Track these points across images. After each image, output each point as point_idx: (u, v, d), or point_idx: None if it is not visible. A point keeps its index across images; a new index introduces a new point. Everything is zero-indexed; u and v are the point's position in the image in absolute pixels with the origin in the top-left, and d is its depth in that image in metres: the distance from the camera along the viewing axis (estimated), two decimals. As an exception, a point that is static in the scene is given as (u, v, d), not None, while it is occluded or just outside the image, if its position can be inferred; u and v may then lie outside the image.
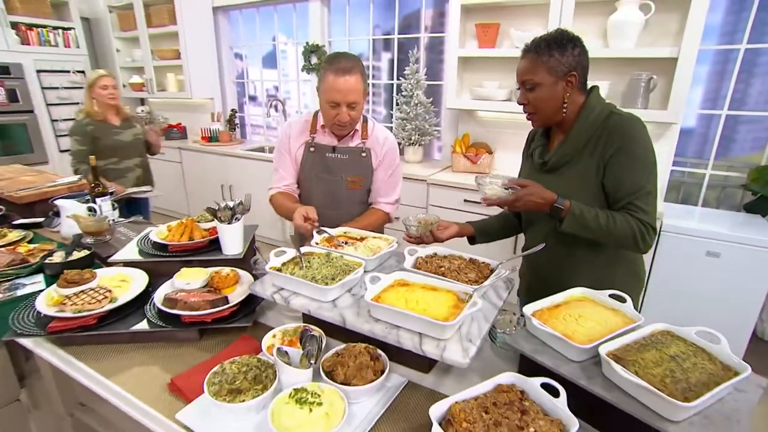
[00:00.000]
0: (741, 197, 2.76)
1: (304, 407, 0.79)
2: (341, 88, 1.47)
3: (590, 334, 0.91)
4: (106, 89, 2.69)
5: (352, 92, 1.49)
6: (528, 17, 2.80)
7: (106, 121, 2.74)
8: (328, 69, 1.49)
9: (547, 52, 1.17)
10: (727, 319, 2.25)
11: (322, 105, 1.57)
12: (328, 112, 1.55)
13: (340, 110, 1.52)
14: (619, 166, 1.18)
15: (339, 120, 1.54)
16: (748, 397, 0.79)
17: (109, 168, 2.75)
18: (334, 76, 1.47)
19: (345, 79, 1.47)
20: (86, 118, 2.71)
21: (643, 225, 1.16)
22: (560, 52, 1.17)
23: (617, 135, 1.18)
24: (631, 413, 0.76)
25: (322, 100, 1.54)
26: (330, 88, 1.49)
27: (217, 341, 1.16)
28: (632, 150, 1.17)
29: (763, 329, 2.67)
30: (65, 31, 4.45)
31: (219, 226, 1.36)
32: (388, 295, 1.04)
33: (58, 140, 4.46)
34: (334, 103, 1.51)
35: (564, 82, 1.19)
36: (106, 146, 2.71)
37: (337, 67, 1.47)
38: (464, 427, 0.76)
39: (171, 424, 0.89)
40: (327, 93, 1.50)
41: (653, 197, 1.19)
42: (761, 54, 2.59)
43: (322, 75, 1.52)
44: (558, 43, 1.17)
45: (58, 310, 1.13)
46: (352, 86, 1.48)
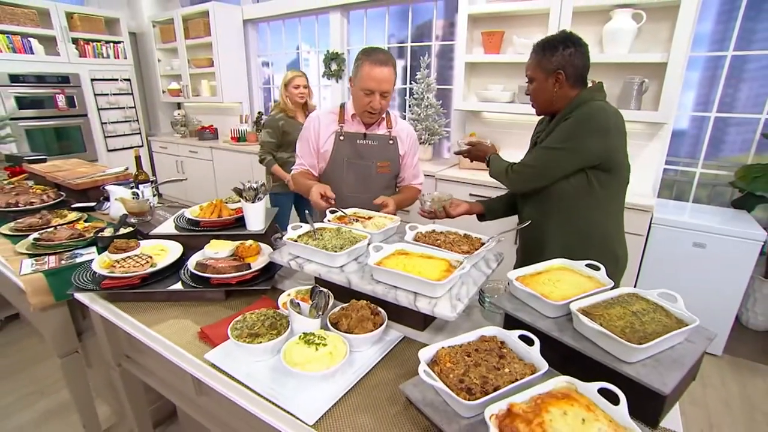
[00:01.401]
0: (730, 194, 2.74)
1: (311, 347, 0.87)
2: (377, 77, 1.52)
3: (565, 295, 0.96)
4: (298, 88, 2.70)
5: (386, 82, 1.54)
6: (530, 25, 2.83)
7: (296, 118, 2.76)
8: (366, 60, 1.53)
9: (542, 51, 1.31)
10: (711, 306, 2.25)
11: (355, 93, 1.61)
12: (361, 99, 1.59)
13: (374, 98, 1.57)
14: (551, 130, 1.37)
15: (371, 107, 1.59)
16: (696, 347, 0.83)
17: (290, 160, 2.66)
18: (371, 65, 1.52)
19: (381, 69, 1.52)
20: (280, 113, 2.76)
21: (512, 166, 1.43)
22: (551, 53, 1.27)
23: (574, 111, 1.31)
24: (594, 358, 0.81)
25: (357, 87, 1.58)
26: (367, 77, 1.53)
27: (240, 302, 1.25)
28: (567, 123, 1.31)
29: (747, 317, 2.64)
30: (115, 45, 4.67)
31: (244, 205, 1.46)
32: (389, 261, 1.11)
33: (106, 141, 4.68)
34: (369, 90, 1.55)
35: (553, 78, 1.28)
36: (292, 141, 2.64)
37: (375, 58, 1.52)
38: (448, 366, 0.82)
39: (200, 362, 0.98)
40: (363, 81, 1.54)
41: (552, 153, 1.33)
42: (747, 60, 2.58)
43: (358, 65, 1.56)
44: (551, 44, 1.29)
45: (109, 272, 1.24)
46: (387, 77, 1.54)
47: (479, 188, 2.82)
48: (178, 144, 4.75)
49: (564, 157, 1.31)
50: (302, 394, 0.85)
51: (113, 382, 1.51)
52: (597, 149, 1.28)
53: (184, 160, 4.74)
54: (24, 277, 1.37)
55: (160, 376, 1.33)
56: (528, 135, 1.62)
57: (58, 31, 4.25)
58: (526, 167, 1.40)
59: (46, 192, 2.11)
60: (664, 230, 2.32)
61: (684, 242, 2.28)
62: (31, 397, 2.13)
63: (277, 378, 0.90)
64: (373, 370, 0.94)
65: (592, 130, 1.27)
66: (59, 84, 4.31)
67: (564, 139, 1.31)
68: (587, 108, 1.29)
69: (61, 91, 4.32)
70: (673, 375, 0.76)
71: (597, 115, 1.27)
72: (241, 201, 1.46)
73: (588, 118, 1.27)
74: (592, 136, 1.27)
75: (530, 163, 1.39)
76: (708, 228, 2.23)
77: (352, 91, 1.64)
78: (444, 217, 1.52)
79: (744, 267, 2.19)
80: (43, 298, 1.38)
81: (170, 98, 5.08)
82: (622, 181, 1.38)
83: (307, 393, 0.85)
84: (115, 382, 1.50)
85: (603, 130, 1.26)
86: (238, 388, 0.90)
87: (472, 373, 0.80)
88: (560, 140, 1.31)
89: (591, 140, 1.27)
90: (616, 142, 1.30)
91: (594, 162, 1.31)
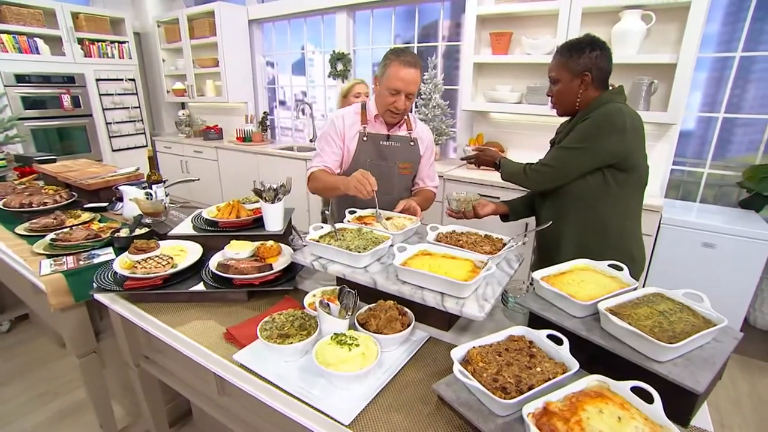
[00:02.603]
0: (737, 194, 2.76)
1: (344, 347, 0.87)
2: (405, 77, 1.52)
3: (591, 295, 0.97)
4: (359, 97, 2.55)
5: (413, 83, 1.54)
6: (538, 26, 2.84)
7: None
8: (395, 60, 1.52)
9: (568, 53, 1.33)
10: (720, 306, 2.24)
11: (381, 92, 1.60)
12: (386, 99, 1.58)
13: (399, 98, 1.56)
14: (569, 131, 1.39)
15: (395, 107, 1.58)
16: (724, 347, 0.84)
17: None
18: (400, 66, 1.51)
19: (409, 71, 1.51)
20: None
21: (530, 165, 1.45)
22: (578, 54, 1.29)
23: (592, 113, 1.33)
24: (625, 357, 0.82)
25: (383, 87, 1.57)
26: (394, 76, 1.52)
27: (262, 302, 1.26)
28: (585, 123, 1.33)
29: (755, 317, 2.66)
30: (120, 45, 4.66)
31: (263, 205, 1.46)
32: (413, 262, 1.12)
33: (111, 141, 4.67)
34: (396, 90, 1.54)
35: (579, 80, 1.30)
36: None
37: (404, 59, 1.51)
38: (480, 366, 0.83)
39: (229, 364, 0.99)
40: (390, 80, 1.53)
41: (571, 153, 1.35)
42: (755, 61, 2.59)
43: (387, 64, 1.55)
44: (578, 46, 1.31)
45: (131, 272, 1.24)
46: (414, 78, 1.54)
47: (488, 188, 2.82)
48: (183, 144, 4.75)
49: (581, 157, 1.33)
50: (334, 395, 0.86)
51: (131, 383, 1.52)
52: (613, 149, 1.30)
53: (188, 160, 4.74)
54: (44, 277, 1.38)
55: (180, 376, 1.34)
56: (536, 135, 1.65)
57: (64, 32, 4.25)
58: (544, 166, 1.42)
59: (59, 192, 2.12)
60: (674, 230, 2.33)
61: (693, 242, 2.29)
62: (45, 398, 2.13)
63: (307, 378, 0.91)
64: (403, 370, 0.95)
65: (608, 131, 1.29)
66: (65, 84, 4.31)
67: (581, 139, 1.32)
68: (605, 109, 1.31)
69: (66, 91, 4.31)
70: (705, 374, 0.77)
71: (614, 115, 1.29)
72: (260, 201, 1.47)
73: (605, 119, 1.29)
74: (609, 136, 1.29)
75: (549, 162, 1.41)
76: (717, 228, 2.24)
77: (376, 90, 1.63)
78: (472, 217, 1.53)
79: (753, 267, 2.20)
80: (63, 299, 1.39)
81: (174, 98, 5.07)
82: (639, 181, 1.39)
83: (339, 393, 0.86)
84: (133, 383, 1.51)
85: (619, 131, 1.28)
86: (268, 389, 0.90)
87: (505, 372, 0.81)
88: (578, 140, 1.33)
89: (608, 140, 1.29)
90: (633, 142, 1.32)
91: (610, 161, 1.32)
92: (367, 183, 1.38)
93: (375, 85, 1.63)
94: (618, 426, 0.68)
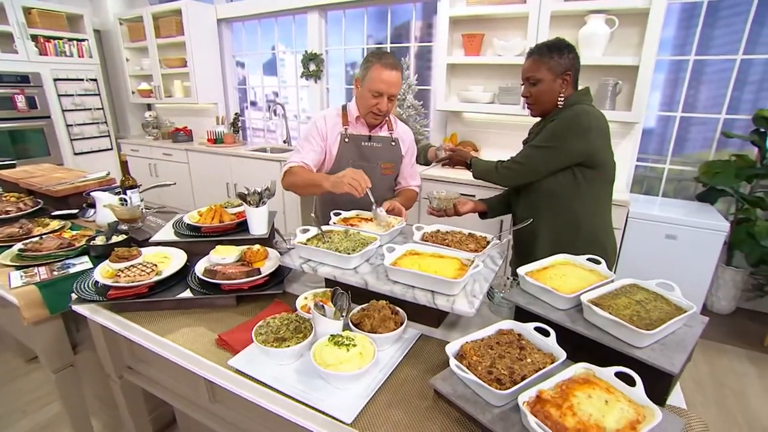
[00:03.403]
0: (694, 188, 2.95)
1: (342, 348, 0.89)
2: (387, 80, 1.54)
3: (573, 288, 1.03)
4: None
5: (395, 85, 1.57)
6: (509, 29, 2.94)
7: None
8: (376, 62, 1.54)
9: (549, 54, 1.36)
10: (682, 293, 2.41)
11: (363, 94, 1.62)
12: (368, 101, 1.60)
13: (381, 100, 1.58)
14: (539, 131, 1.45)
15: (378, 108, 1.60)
16: (694, 331, 0.92)
17: None
18: (382, 68, 1.54)
19: (390, 73, 1.54)
20: None
21: (501, 163, 1.52)
22: (559, 55, 1.34)
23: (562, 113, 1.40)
24: (607, 344, 0.88)
25: (365, 89, 1.59)
26: (377, 79, 1.54)
27: (251, 307, 1.25)
28: (553, 124, 1.40)
29: (712, 302, 2.85)
30: (79, 43, 4.44)
31: (247, 209, 1.45)
32: (402, 262, 1.15)
33: (72, 144, 4.45)
34: (378, 93, 1.56)
35: (561, 80, 1.35)
36: None
37: (385, 62, 1.54)
38: (475, 360, 0.87)
39: (224, 370, 0.98)
40: (373, 83, 1.55)
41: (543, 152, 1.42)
42: (707, 64, 2.79)
43: (368, 67, 1.57)
44: (558, 47, 1.35)
45: (114, 281, 1.21)
46: (396, 80, 1.56)
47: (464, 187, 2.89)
48: (151, 147, 4.58)
49: (549, 155, 1.41)
50: (333, 395, 0.87)
51: (110, 395, 1.47)
52: (580, 148, 1.37)
53: (157, 163, 4.58)
54: (15, 290, 1.32)
55: (168, 385, 1.31)
56: (508, 134, 1.72)
57: (15, 27, 4.00)
58: (515, 164, 1.49)
59: (22, 200, 2.01)
60: (640, 223, 2.47)
61: (658, 234, 2.44)
62: (11, 417, 2.02)
63: (305, 380, 0.92)
64: (398, 368, 0.97)
65: (575, 131, 1.36)
66: (18, 84, 4.06)
67: (550, 138, 1.40)
68: (571, 111, 1.38)
69: (20, 92, 4.07)
70: (678, 356, 0.84)
71: (580, 116, 1.36)
72: (244, 205, 1.46)
73: (572, 120, 1.37)
74: (575, 137, 1.36)
75: (519, 160, 1.48)
76: (679, 221, 2.40)
77: (358, 92, 1.65)
78: (452, 214, 1.57)
79: (710, 256, 2.37)
80: (38, 312, 1.33)
81: (140, 99, 4.89)
82: (607, 177, 1.48)
83: (338, 393, 0.88)
84: (114, 395, 1.46)
85: (584, 131, 1.35)
86: (267, 392, 0.91)
87: (498, 364, 0.85)
88: (546, 139, 1.41)
89: (574, 140, 1.36)
90: (598, 141, 1.39)
91: (578, 160, 1.40)
92: (362, 180, 1.38)
93: (356, 87, 1.65)
94: (606, 408, 0.73)
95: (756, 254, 2.58)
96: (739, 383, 2.34)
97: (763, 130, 2.58)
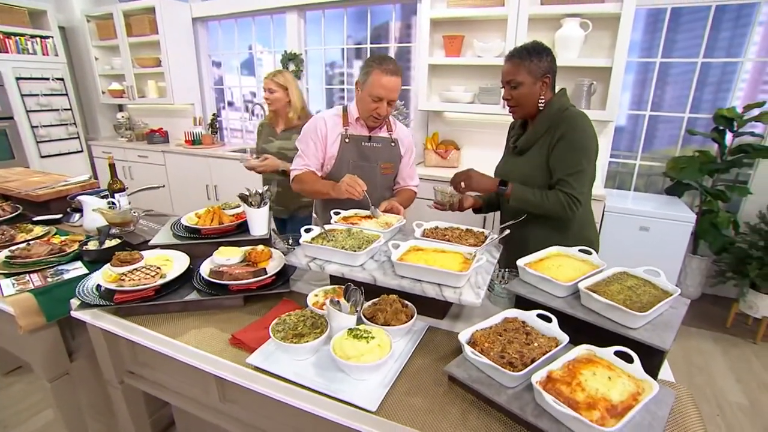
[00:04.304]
0: (662, 183, 3.15)
1: (362, 340, 0.93)
2: (387, 85, 1.58)
3: (569, 277, 1.11)
4: (265, 92, 2.27)
5: (395, 91, 1.61)
6: (489, 30, 3.04)
7: (273, 126, 2.38)
8: (377, 68, 1.57)
9: (528, 57, 1.39)
10: (655, 281, 2.59)
11: (363, 98, 1.65)
12: (368, 105, 1.63)
13: (381, 104, 1.62)
14: (559, 150, 1.41)
15: (378, 113, 1.64)
16: (679, 312, 1.01)
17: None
18: (382, 74, 1.56)
19: (390, 78, 1.57)
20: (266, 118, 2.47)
21: (570, 197, 1.39)
22: (538, 58, 1.38)
23: (563, 125, 1.41)
24: (605, 327, 0.96)
25: (365, 93, 1.62)
26: (377, 84, 1.57)
27: (259, 306, 1.27)
28: (572, 138, 1.39)
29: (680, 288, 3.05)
30: (43, 40, 4.24)
31: (248, 210, 1.47)
32: (407, 257, 1.20)
33: (39, 146, 4.25)
34: (378, 97, 1.60)
35: (540, 83, 1.41)
36: (262, 150, 2.37)
37: (386, 68, 1.56)
38: (486, 346, 0.93)
39: (242, 368, 1.00)
40: (373, 88, 1.58)
41: (585, 176, 1.40)
42: (671, 66, 2.98)
43: (368, 72, 1.60)
44: (536, 51, 1.39)
45: (118, 285, 1.20)
46: (395, 86, 1.60)
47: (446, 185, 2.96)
48: (125, 149, 4.45)
49: (592, 169, 1.44)
50: (354, 386, 0.91)
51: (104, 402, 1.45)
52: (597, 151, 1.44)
53: (132, 166, 4.45)
54: (9, 298, 1.29)
55: (173, 387, 1.31)
56: (488, 133, 1.76)
57: (-29, 24, 3.80)
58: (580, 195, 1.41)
59: (1, 206, 1.94)
60: (616, 217, 2.62)
61: (632, 227, 2.60)
62: (-6, 432, 1.95)
63: (323, 374, 0.96)
64: (412, 358, 1.02)
65: (593, 137, 1.42)
66: (-25, 83, 3.86)
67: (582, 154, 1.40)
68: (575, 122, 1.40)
69: (-22, 92, 3.87)
70: (668, 334, 0.93)
71: (586, 123, 1.41)
72: (244, 206, 1.47)
73: (586, 130, 1.40)
74: (594, 142, 1.42)
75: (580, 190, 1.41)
76: (651, 213, 2.56)
77: (358, 95, 1.69)
78: (457, 209, 1.63)
79: (680, 245, 2.55)
80: (34, 319, 1.31)
81: (111, 99, 4.72)
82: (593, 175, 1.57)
83: (358, 385, 0.92)
84: (115, 401, 1.44)
85: (595, 135, 1.42)
86: (289, 388, 0.94)
87: (509, 349, 0.92)
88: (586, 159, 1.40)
89: (596, 146, 1.43)
90: None
91: None
92: (357, 185, 1.48)
93: (357, 90, 1.69)
94: (609, 383, 0.81)
95: (718, 243, 2.79)
96: (705, 362, 2.53)
97: (722, 128, 2.79)
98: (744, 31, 2.79)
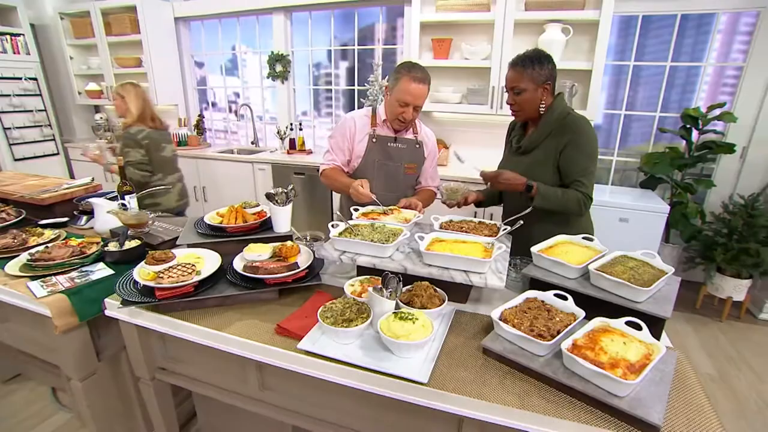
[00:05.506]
0: (636, 177, 3.40)
1: (408, 322, 1.04)
2: (414, 92, 1.67)
3: (578, 260, 1.26)
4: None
5: (421, 98, 1.71)
6: (476, 34, 3.20)
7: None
8: (406, 74, 1.66)
9: (531, 65, 1.52)
10: (634, 268, 2.82)
11: (391, 102, 1.75)
12: (396, 109, 1.73)
13: (407, 109, 1.72)
14: (570, 154, 1.55)
15: (403, 117, 1.74)
16: (673, 287, 1.18)
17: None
18: (410, 81, 1.66)
19: (418, 86, 1.67)
20: None
21: (585, 196, 1.55)
22: (540, 66, 1.52)
23: (570, 130, 1.55)
24: (614, 302, 1.11)
25: (393, 98, 1.72)
26: (405, 91, 1.67)
27: (293, 299, 1.36)
28: (579, 142, 1.54)
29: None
30: (13, 38, 4.10)
31: (273, 208, 1.54)
32: (433, 247, 1.32)
33: (11, 148, 4.11)
34: (405, 103, 1.70)
35: (542, 89, 1.54)
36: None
37: (414, 75, 1.66)
38: (516, 322, 1.07)
39: (294, 354, 1.09)
40: (401, 93, 1.68)
41: (593, 176, 1.57)
42: (643, 69, 3.24)
43: (397, 77, 1.70)
44: (538, 59, 1.52)
45: (156, 283, 1.26)
46: (423, 93, 1.70)
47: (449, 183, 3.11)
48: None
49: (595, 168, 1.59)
50: (401, 364, 1.02)
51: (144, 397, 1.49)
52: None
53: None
54: (44, 299, 1.32)
55: (207, 380, 1.38)
56: (476, 132, 1.89)
57: (-63, 21, 3.64)
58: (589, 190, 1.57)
59: (4, 210, 1.92)
60: (597, 210, 2.81)
61: (612, 219, 2.82)
62: (3, 440, 1.93)
63: (370, 354, 1.06)
64: (447, 338, 1.14)
65: (596, 141, 1.56)
66: (-57, 83, 3.70)
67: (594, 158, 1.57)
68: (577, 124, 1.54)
69: (-54, 92, 3.71)
70: (667, 306, 1.09)
71: (591, 128, 1.55)
72: (269, 204, 1.55)
73: (588, 131, 1.54)
74: (597, 145, 1.57)
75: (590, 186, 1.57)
76: (629, 205, 2.79)
77: (387, 99, 1.79)
78: (463, 205, 1.76)
79: (655, 235, 2.78)
80: (68, 320, 1.34)
81: (88, 100, 4.60)
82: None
83: (404, 362, 1.03)
84: (146, 397, 1.49)
85: (596, 138, 1.57)
86: (340, 368, 1.04)
87: (536, 323, 1.05)
88: (592, 159, 1.56)
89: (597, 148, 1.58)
90: None
91: None
92: (360, 195, 1.66)
93: (386, 94, 1.80)
94: (625, 348, 0.96)
95: (688, 232, 3.06)
96: (680, 340, 2.79)
97: (689, 126, 3.05)
98: (705, 38, 3.07)
